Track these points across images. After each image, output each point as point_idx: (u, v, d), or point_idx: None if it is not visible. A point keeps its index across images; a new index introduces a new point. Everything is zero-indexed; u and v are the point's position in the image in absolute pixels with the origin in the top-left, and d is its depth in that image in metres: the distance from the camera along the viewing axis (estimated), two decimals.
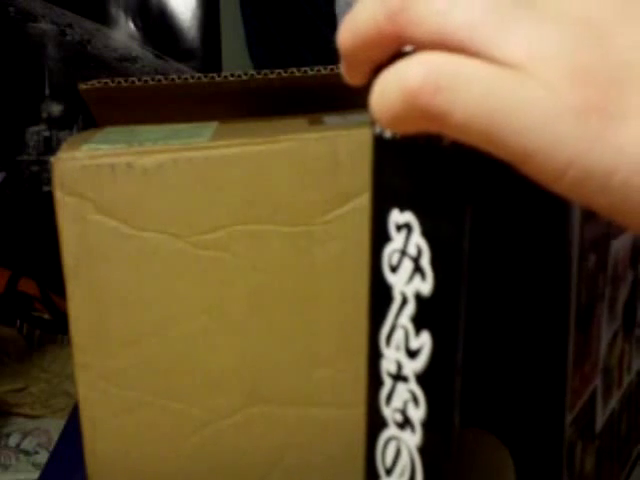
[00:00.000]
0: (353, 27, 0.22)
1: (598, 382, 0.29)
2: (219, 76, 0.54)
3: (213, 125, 0.51)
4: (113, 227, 0.45)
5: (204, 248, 0.46)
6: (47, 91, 2.17)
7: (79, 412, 0.47)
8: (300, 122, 0.51)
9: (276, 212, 0.46)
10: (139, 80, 0.53)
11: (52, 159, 0.44)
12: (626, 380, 0.33)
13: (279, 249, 0.47)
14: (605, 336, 0.29)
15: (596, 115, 0.19)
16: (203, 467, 0.49)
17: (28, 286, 1.71)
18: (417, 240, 0.22)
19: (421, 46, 0.21)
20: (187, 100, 0.56)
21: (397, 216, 0.22)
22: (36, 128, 2.17)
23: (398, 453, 0.23)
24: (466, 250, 0.21)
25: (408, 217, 0.22)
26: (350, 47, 0.23)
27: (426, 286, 0.22)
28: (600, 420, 0.29)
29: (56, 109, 2.17)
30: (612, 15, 0.19)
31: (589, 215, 0.24)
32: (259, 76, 0.54)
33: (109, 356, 0.46)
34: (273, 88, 0.55)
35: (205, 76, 0.54)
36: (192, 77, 0.54)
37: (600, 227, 0.25)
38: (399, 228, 0.22)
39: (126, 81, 0.53)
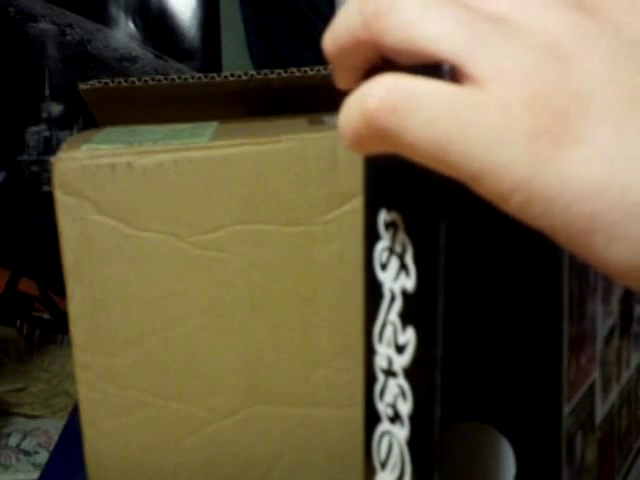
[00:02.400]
0: (333, 33, 0.23)
1: (596, 376, 0.29)
2: (219, 76, 0.54)
3: (213, 125, 0.51)
4: (113, 227, 0.45)
5: (204, 248, 0.46)
6: (47, 91, 2.17)
7: (79, 412, 0.47)
8: (300, 122, 0.51)
9: (276, 212, 0.46)
10: (139, 80, 0.53)
11: (52, 159, 0.44)
12: (625, 375, 0.33)
13: (279, 249, 0.47)
14: (601, 330, 0.29)
15: (546, 140, 0.19)
16: (203, 467, 0.49)
17: (28, 286, 1.72)
18: (402, 238, 0.23)
19: (393, 54, 0.21)
20: (187, 100, 0.56)
21: (385, 215, 0.23)
22: (36, 128, 2.17)
23: (390, 447, 0.24)
24: (442, 245, 0.22)
25: (394, 215, 0.23)
26: (332, 53, 0.23)
27: (410, 282, 0.23)
28: (600, 413, 0.30)
29: (56, 109, 2.17)
30: (578, 44, 0.20)
31: None
32: (259, 76, 0.54)
33: (109, 356, 0.46)
34: (273, 88, 0.55)
35: (205, 76, 0.54)
36: (192, 77, 0.54)
37: None
38: (387, 226, 0.23)
39: (126, 81, 0.53)
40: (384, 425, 0.24)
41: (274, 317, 0.48)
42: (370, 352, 0.24)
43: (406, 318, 0.23)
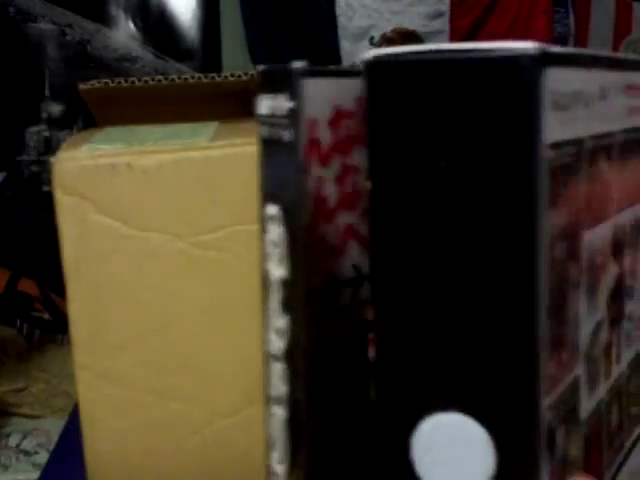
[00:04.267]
0: None
1: (580, 371, 0.29)
2: (219, 76, 0.54)
3: (213, 125, 0.51)
4: (113, 227, 0.45)
5: (204, 248, 0.46)
6: (47, 91, 2.18)
7: (79, 412, 0.47)
8: None
9: None
10: (139, 80, 0.53)
11: (52, 159, 0.44)
12: (615, 371, 0.33)
13: None
14: (586, 326, 0.29)
15: None
16: (203, 467, 0.49)
17: (28, 286, 1.72)
18: (281, 230, 0.25)
19: None
20: (187, 100, 0.56)
21: (270, 209, 0.26)
22: (36, 128, 2.17)
23: (276, 428, 0.26)
24: (312, 238, 0.24)
25: (274, 209, 0.25)
26: None
27: (286, 272, 0.25)
28: (585, 408, 0.30)
29: (56, 109, 2.18)
30: None
31: (553, 202, 0.25)
32: None
33: (109, 356, 0.46)
34: None
35: (205, 76, 0.54)
36: (192, 77, 0.54)
37: (567, 217, 0.26)
38: (272, 219, 0.26)
39: (126, 81, 0.53)
40: (274, 408, 0.26)
41: None
42: (264, 340, 0.26)
43: (283, 305, 0.25)
